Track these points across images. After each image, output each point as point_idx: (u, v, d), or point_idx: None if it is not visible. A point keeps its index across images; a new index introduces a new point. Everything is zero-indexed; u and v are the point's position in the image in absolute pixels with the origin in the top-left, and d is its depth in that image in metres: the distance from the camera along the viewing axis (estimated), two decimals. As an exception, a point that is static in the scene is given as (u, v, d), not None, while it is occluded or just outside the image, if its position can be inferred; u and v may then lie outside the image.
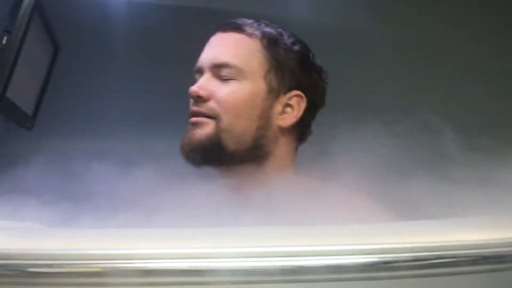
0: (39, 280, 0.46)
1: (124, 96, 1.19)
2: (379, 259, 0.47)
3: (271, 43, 0.83)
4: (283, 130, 0.84)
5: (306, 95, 0.84)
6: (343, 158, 0.82)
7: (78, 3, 1.16)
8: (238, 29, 0.83)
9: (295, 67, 0.84)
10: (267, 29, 0.85)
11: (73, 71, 1.19)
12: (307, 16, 1.24)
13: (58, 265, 0.46)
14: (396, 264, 0.47)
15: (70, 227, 0.66)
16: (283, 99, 0.83)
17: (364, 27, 1.30)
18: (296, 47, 0.86)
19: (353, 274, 0.46)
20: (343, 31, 1.28)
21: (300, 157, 0.90)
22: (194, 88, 0.79)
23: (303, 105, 0.84)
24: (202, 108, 0.80)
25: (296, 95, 0.83)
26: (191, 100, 0.83)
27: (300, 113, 0.84)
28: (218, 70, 0.80)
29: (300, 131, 0.87)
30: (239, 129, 0.80)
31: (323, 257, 0.46)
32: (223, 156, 0.79)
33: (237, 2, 1.19)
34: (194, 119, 0.80)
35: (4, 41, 0.73)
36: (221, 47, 0.82)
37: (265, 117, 0.81)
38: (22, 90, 0.86)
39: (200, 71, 0.83)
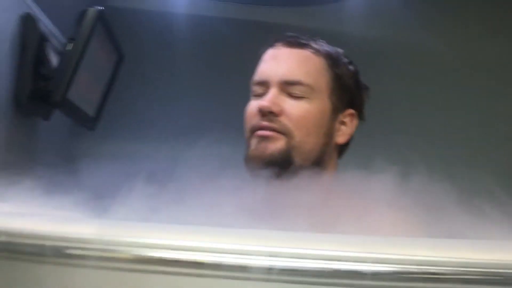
0: (72, 261, 0.51)
1: (184, 104, 1.26)
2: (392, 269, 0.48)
3: (334, 63, 0.85)
4: (336, 147, 0.87)
5: (358, 112, 0.88)
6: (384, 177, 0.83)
7: (143, 15, 1.25)
8: (305, 45, 0.84)
9: (352, 86, 0.87)
10: (328, 48, 0.87)
11: (137, 79, 1.28)
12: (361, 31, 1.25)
13: (89, 249, 0.51)
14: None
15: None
16: (341, 116, 0.86)
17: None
18: (351, 67, 0.88)
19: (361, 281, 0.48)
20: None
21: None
22: (266, 104, 0.80)
23: (355, 122, 0.87)
24: (274, 124, 0.80)
25: (350, 114, 0.86)
26: (254, 113, 0.83)
27: (353, 130, 0.87)
28: (289, 87, 0.81)
29: (345, 146, 0.89)
30: (309, 146, 0.81)
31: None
32: (289, 170, 0.80)
33: (292, 17, 1.22)
34: (264, 132, 0.81)
35: (69, 47, 0.81)
36: (291, 63, 0.83)
37: (329, 135, 0.84)
38: (84, 93, 0.94)
39: (265, 85, 0.83)
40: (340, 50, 0.88)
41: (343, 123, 0.86)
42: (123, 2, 1.31)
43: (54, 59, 0.91)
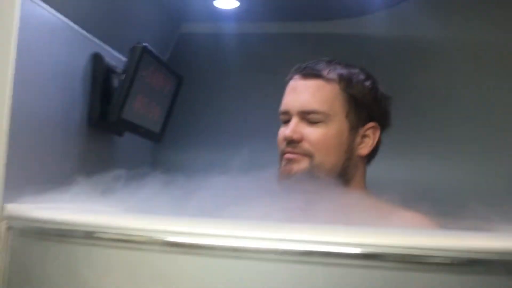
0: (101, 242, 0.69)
1: (237, 117, 1.42)
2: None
3: (347, 85, 0.94)
4: (361, 157, 0.96)
5: (379, 124, 0.96)
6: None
7: (200, 42, 1.44)
8: (318, 75, 0.94)
9: (369, 101, 0.96)
10: (341, 71, 0.96)
11: (196, 97, 1.47)
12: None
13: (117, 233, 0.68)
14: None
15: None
16: (361, 131, 0.95)
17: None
18: (367, 83, 0.96)
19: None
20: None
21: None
22: (288, 134, 0.93)
23: (377, 133, 0.96)
24: (296, 149, 0.93)
25: (372, 127, 0.95)
26: (281, 140, 0.95)
27: (375, 141, 0.96)
28: (307, 115, 0.93)
29: (372, 154, 0.99)
30: (330, 164, 0.93)
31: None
32: (315, 184, 0.90)
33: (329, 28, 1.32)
34: (289, 156, 0.94)
35: (121, 78, 1.02)
36: (306, 95, 0.94)
37: (350, 150, 0.94)
38: (143, 112, 1.15)
39: (287, 114, 0.96)
40: (354, 70, 0.96)
41: (365, 136, 0.95)
42: (192, 29, 1.52)
43: (120, 87, 1.13)
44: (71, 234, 0.67)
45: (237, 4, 1.33)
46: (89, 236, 0.68)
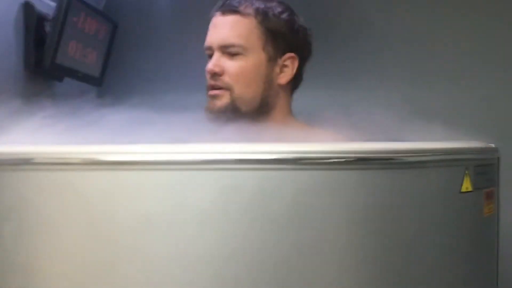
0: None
1: (167, 62, 1.50)
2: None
3: (263, 18, 1.00)
4: (282, 86, 1.03)
5: (297, 54, 1.03)
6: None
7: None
8: (235, 11, 1.00)
9: (286, 33, 1.01)
10: (258, 5, 1.01)
11: (134, 41, 1.54)
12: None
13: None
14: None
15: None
16: (280, 61, 1.01)
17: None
18: (284, 15, 1.02)
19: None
20: None
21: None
22: (210, 67, 0.99)
23: (296, 63, 1.03)
24: (218, 82, 0.99)
25: (290, 57, 1.02)
26: (208, 75, 1.01)
27: (294, 70, 1.03)
28: (226, 49, 0.99)
29: (295, 82, 1.06)
30: (249, 95, 0.99)
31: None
32: (236, 116, 0.98)
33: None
34: (212, 92, 1.00)
35: (51, 25, 1.08)
36: (225, 30, 1.00)
37: (268, 81, 1.01)
38: (78, 57, 1.21)
39: (210, 49, 1.02)
40: (271, 4, 1.01)
41: (284, 66, 1.02)
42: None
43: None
44: (10, 162, 0.75)
45: None
46: (26, 163, 0.77)
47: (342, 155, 0.66)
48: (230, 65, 0.99)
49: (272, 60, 1.02)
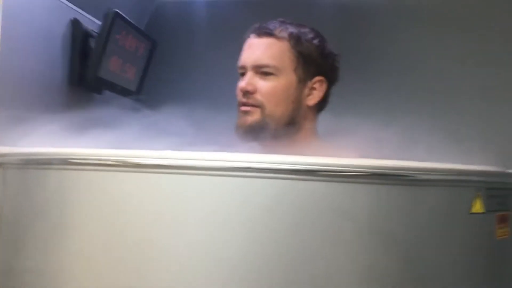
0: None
1: (201, 79, 1.57)
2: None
3: (296, 42, 1.06)
4: (311, 108, 1.09)
5: (326, 78, 1.09)
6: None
7: (176, 9, 1.58)
8: (270, 34, 1.07)
9: (316, 57, 1.08)
10: (292, 30, 1.07)
11: (172, 59, 1.62)
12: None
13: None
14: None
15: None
16: (309, 84, 1.07)
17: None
18: (315, 41, 1.08)
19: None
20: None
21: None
22: (243, 85, 1.05)
23: (324, 86, 1.09)
24: (250, 100, 1.05)
25: (319, 80, 1.08)
26: (239, 92, 1.08)
27: (322, 93, 1.09)
28: (259, 69, 1.05)
29: (321, 105, 1.12)
30: (279, 113, 1.05)
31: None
32: (266, 133, 1.04)
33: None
34: (244, 108, 1.06)
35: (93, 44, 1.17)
36: (259, 51, 1.06)
37: (297, 101, 1.06)
38: (119, 72, 1.29)
39: (243, 68, 1.08)
40: (304, 29, 1.08)
41: (313, 88, 1.08)
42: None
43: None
44: (49, 161, 0.82)
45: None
46: (64, 162, 0.83)
47: (358, 169, 0.70)
48: (263, 84, 1.05)
49: (302, 82, 1.07)
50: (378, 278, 0.67)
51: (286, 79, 1.06)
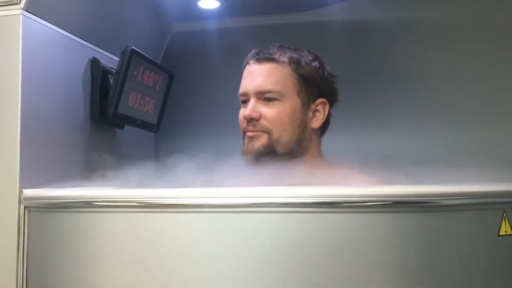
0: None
1: (215, 109, 1.59)
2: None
3: (297, 66, 1.06)
4: (316, 130, 1.10)
5: (327, 99, 1.09)
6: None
7: (190, 40, 1.61)
8: (270, 59, 1.07)
9: (317, 79, 1.08)
10: (291, 54, 1.08)
11: (190, 90, 1.64)
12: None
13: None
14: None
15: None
16: (313, 106, 1.08)
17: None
18: (315, 63, 1.09)
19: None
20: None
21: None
22: (247, 113, 1.05)
23: (327, 108, 1.10)
24: (256, 127, 1.06)
25: (321, 102, 1.08)
26: (242, 119, 1.08)
27: (325, 114, 1.09)
28: (262, 95, 1.05)
29: (324, 126, 1.13)
30: (286, 138, 1.05)
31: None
32: (274, 157, 1.05)
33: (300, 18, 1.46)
34: (251, 133, 1.06)
35: (112, 80, 1.19)
36: (261, 77, 1.06)
37: (303, 124, 1.07)
38: (138, 107, 1.31)
39: (245, 95, 1.09)
40: (302, 53, 1.08)
41: (316, 111, 1.08)
42: (181, 28, 1.68)
43: (116, 85, 1.30)
44: (74, 205, 0.84)
45: (218, 4, 1.48)
46: (88, 205, 0.85)
47: (380, 199, 0.69)
48: (268, 110, 1.05)
49: (305, 105, 1.07)
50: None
51: (290, 104, 1.05)
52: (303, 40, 1.23)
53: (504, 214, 0.72)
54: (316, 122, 1.08)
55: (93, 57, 1.27)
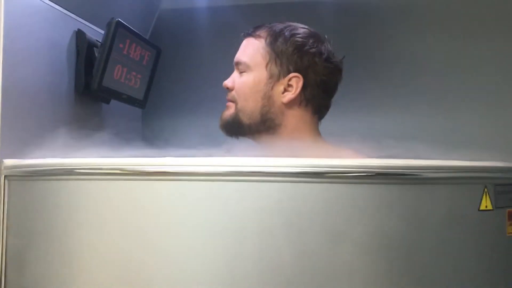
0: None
1: (207, 85, 1.57)
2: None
3: (272, 40, 1.09)
4: (288, 105, 1.09)
5: (304, 75, 1.08)
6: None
7: (179, 17, 1.59)
8: (251, 35, 1.12)
9: (292, 54, 1.07)
10: (274, 28, 1.10)
11: (178, 66, 1.62)
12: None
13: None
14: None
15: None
16: (284, 81, 1.08)
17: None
18: (295, 38, 1.08)
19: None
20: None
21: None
22: (225, 82, 1.14)
23: (300, 83, 1.08)
24: (228, 97, 1.13)
25: (294, 77, 1.07)
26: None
27: (298, 90, 1.08)
28: (237, 66, 1.12)
29: (313, 105, 1.11)
30: (249, 108, 1.09)
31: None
32: (242, 128, 1.10)
33: None
34: (227, 103, 1.14)
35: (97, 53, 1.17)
36: (240, 50, 1.14)
37: (267, 97, 1.08)
38: (124, 81, 1.29)
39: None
40: (288, 27, 1.09)
41: (289, 85, 1.07)
42: (170, 5, 1.66)
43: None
44: (55, 172, 0.83)
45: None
46: (68, 173, 0.84)
47: (363, 170, 0.69)
48: (237, 80, 1.11)
49: (273, 78, 1.08)
50: (383, 279, 0.66)
51: (255, 75, 1.08)
52: (293, 20, 1.22)
53: (485, 190, 0.73)
54: (286, 96, 1.08)
55: (78, 29, 1.24)
